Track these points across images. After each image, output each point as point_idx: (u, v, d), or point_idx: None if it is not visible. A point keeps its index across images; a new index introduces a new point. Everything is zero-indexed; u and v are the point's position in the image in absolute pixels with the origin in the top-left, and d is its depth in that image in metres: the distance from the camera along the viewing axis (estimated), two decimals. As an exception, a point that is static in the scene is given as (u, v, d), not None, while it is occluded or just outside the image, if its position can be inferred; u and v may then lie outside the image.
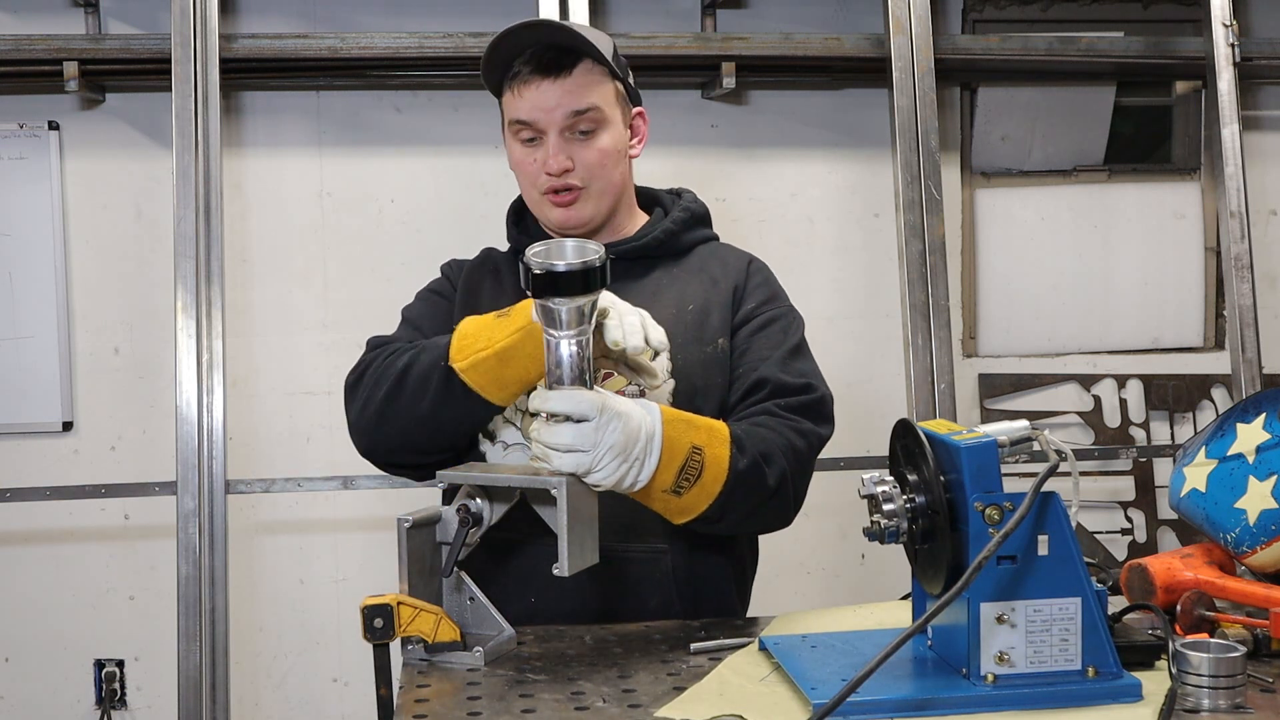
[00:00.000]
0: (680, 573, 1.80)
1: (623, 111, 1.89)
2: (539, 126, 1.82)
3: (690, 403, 1.76)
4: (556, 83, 1.80)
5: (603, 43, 1.84)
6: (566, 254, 1.49)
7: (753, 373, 1.81)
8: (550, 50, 1.81)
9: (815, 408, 1.79)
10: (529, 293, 1.48)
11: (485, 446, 1.81)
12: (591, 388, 1.52)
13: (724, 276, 1.91)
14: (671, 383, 1.79)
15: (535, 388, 1.58)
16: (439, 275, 2.01)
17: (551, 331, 1.50)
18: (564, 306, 1.47)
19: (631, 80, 1.92)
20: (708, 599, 1.83)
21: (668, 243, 1.92)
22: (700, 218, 1.98)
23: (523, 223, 1.99)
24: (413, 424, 1.71)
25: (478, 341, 1.65)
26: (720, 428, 1.65)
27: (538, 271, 1.45)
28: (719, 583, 1.86)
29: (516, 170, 1.90)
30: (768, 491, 1.68)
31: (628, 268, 1.87)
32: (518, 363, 1.63)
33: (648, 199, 2.02)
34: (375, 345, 1.84)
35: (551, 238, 1.90)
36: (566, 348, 1.50)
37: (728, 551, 1.87)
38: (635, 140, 1.93)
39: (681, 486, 1.59)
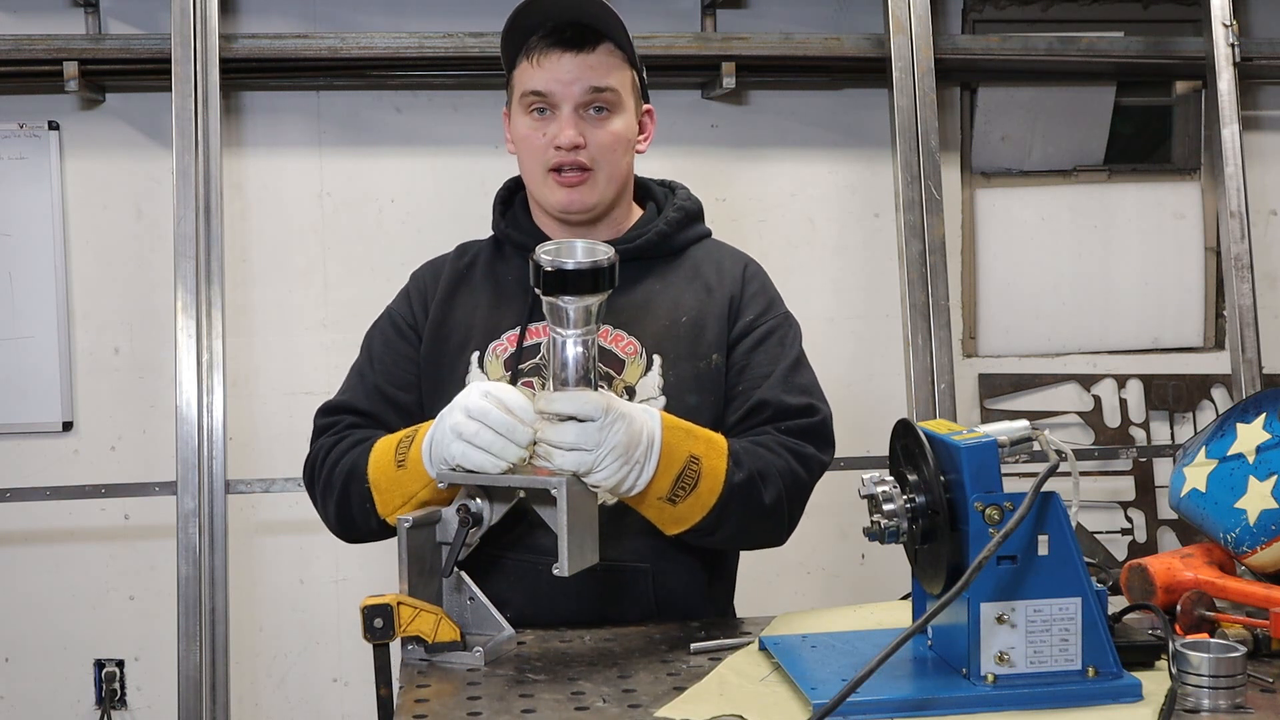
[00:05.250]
0: (661, 589, 1.79)
1: (635, 102, 1.85)
2: (554, 99, 1.78)
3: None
4: (578, 57, 1.76)
5: (623, 27, 1.81)
6: (576, 253, 1.49)
7: (753, 392, 1.78)
8: (573, 27, 1.77)
9: (817, 430, 1.77)
10: (538, 290, 1.48)
11: None
12: (596, 388, 1.51)
13: (719, 285, 1.86)
14: (662, 400, 1.76)
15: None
16: (405, 291, 1.94)
17: (558, 330, 1.50)
18: (572, 305, 1.48)
19: (644, 76, 1.88)
20: (687, 612, 1.81)
21: (661, 244, 1.86)
22: (694, 215, 1.93)
23: (510, 211, 1.93)
24: (368, 534, 1.76)
25: (394, 496, 1.66)
26: (719, 440, 1.64)
27: (548, 269, 1.46)
28: (699, 596, 1.84)
29: (522, 145, 1.83)
30: (763, 509, 1.67)
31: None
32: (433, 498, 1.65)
33: (640, 190, 1.97)
34: (323, 420, 1.84)
35: (541, 230, 1.88)
36: (572, 347, 1.50)
37: (708, 564, 1.85)
38: (643, 137, 1.89)
39: (677, 495, 1.59)
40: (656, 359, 1.79)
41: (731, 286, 1.86)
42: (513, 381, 1.77)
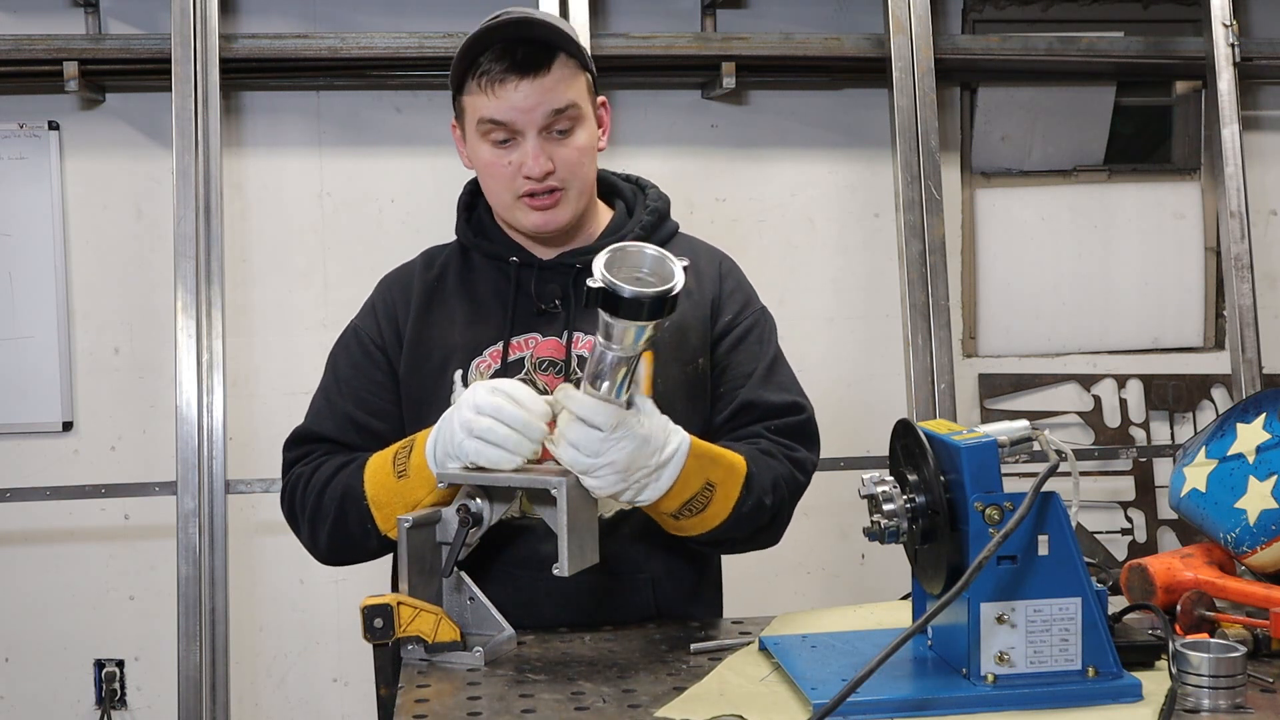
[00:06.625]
0: (662, 599, 1.80)
1: (593, 104, 1.80)
2: (515, 128, 1.71)
3: None
4: (535, 82, 1.69)
5: (572, 33, 1.76)
6: (645, 265, 1.44)
7: (737, 392, 1.78)
8: (523, 45, 1.70)
9: (805, 429, 1.78)
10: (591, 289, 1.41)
11: None
12: (623, 397, 1.48)
13: (698, 287, 1.83)
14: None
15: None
16: (370, 307, 1.89)
17: (601, 340, 1.45)
18: (619, 325, 1.42)
19: (595, 70, 1.82)
20: (688, 615, 1.81)
21: None
22: (665, 214, 1.89)
23: (474, 217, 1.89)
24: (364, 555, 1.75)
25: (396, 508, 1.62)
26: (739, 467, 1.63)
27: (605, 289, 1.39)
28: (697, 599, 1.85)
29: (486, 173, 1.77)
30: (763, 526, 1.70)
31: None
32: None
33: (605, 187, 1.90)
34: (294, 451, 1.81)
35: (511, 239, 1.83)
36: (610, 358, 1.45)
37: (706, 568, 1.87)
38: (601, 132, 1.83)
39: (682, 515, 1.60)
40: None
41: (711, 287, 1.84)
42: None
